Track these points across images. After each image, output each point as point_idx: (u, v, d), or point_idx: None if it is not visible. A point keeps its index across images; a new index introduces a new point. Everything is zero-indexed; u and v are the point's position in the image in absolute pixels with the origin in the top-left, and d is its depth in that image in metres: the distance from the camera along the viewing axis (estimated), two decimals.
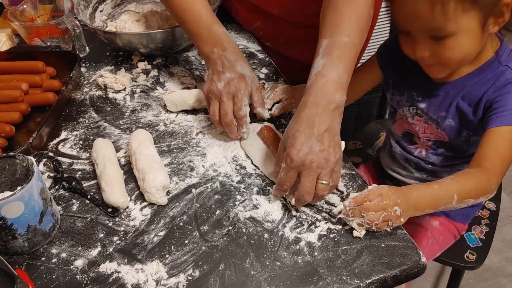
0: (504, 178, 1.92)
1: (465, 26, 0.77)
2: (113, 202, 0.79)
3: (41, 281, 0.70)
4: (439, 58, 0.82)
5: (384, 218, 0.71)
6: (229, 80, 0.88)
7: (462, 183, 0.79)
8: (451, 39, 0.79)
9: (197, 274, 0.70)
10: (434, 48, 0.81)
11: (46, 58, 1.07)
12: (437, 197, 0.76)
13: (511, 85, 0.82)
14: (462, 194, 0.77)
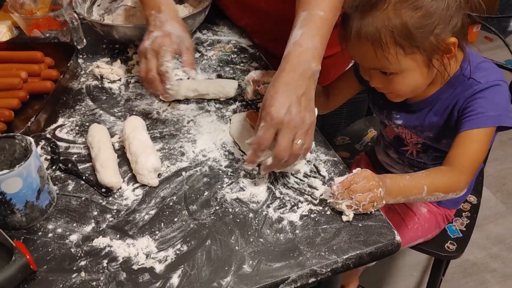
0: (488, 178, 1.98)
1: (408, 66, 0.84)
2: (107, 183, 0.83)
3: (37, 253, 0.74)
4: (391, 89, 0.90)
5: (370, 198, 0.75)
6: (155, 38, 0.91)
7: (432, 177, 0.84)
8: (398, 76, 0.86)
9: (185, 249, 0.74)
10: (385, 81, 0.89)
11: (45, 49, 1.11)
12: (408, 187, 0.81)
13: (478, 94, 0.88)
14: (432, 187, 0.82)
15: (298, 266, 0.71)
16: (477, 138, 0.87)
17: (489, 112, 0.86)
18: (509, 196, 2.01)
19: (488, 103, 0.87)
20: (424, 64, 0.85)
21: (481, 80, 0.88)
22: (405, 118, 1.00)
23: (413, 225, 1.13)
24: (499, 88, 0.88)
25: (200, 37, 1.24)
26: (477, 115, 0.86)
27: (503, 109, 0.87)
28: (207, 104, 1.03)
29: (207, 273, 0.70)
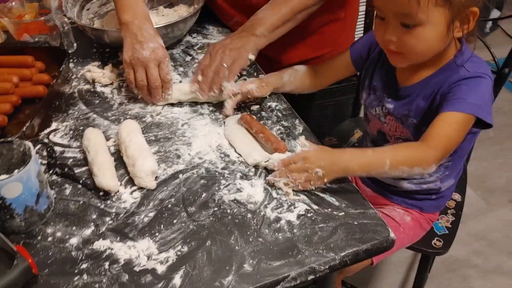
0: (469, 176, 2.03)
1: (433, 19, 0.83)
2: (105, 186, 0.83)
3: (38, 257, 0.74)
4: (403, 45, 0.88)
5: (306, 178, 0.81)
6: (154, 48, 1.00)
7: (396, 151, 0.87)
8: (419, 29, 0.85)
9: (186, 250, 0.75)
10: (402, 34, 0.87)
11: (35, 53, 1.11)
12: (370, 161, 0.83)
13: (463, 81, 0.89)
14: (395, 161, 0.83)
15: (297, 264, 0.73)
16: (453, 121, 0.87)
17: (470, 99, 0.87)
18: (489, 193, 2.07)
19: (470, 91, 0.88)
20: (446, 24, 0.84)
21: (469, 69, 0.90)
22: (395, 104, 1.01)
23: (399, 235, 1.14)
24: (484, 81, 0.89)
25: (190, 40, 1.26)
26: (457, 99, 0.87)
27: (483, 101, 0.88)
28: (200, 107, 1.04)
29: (209, 273, 0.72)
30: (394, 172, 0.84)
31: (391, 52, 0.92)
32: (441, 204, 1.17)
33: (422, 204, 1.13)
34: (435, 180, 1.06)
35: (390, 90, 1.01)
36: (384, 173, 0.84)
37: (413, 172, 0.85)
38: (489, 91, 0.90)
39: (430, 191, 1.09)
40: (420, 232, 1.17)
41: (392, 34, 0.88)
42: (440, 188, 1.08)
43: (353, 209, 0.81)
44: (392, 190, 1.12)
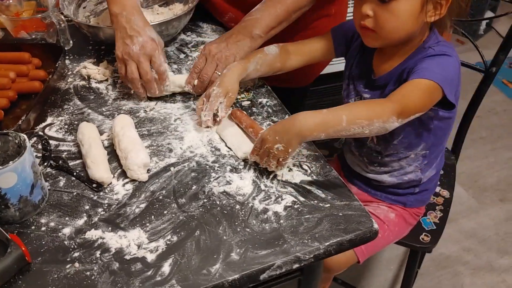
0: (461, 175, 2.04)
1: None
2: (98, 178, 0.86)
3: (31, 246, 0.76)
4: (377, 20, 0.90)
5: (274, 158, 0.85)
6: (143, 42, 1.01)
7: (353, 106, 0.88)
8: (394, 3, 0.87)
9: (175, 239, 0.77)
10: (378, 10, 0.89)
11: (32, 49, 1.13)
12: (325, 120, 0.83)
13: (428, 57, 0.91)
14: (352, 115, 0.82)
15: (283, 253, 0.75)
16: (416, 83, 0.87)
17: (433, 68, 0.88)
18: (480, 192, 2.10)
19: (434, 64, 0.89)
20: (420, 3, 0.87)
21: (435, 49, 0.92)
22: (372, 94, 1.03)
23: (383, 232, 1.16)
24: (449, 58, 0.91)
25: (184, 38, 1.28)
26: (421, 69, 0.89)
27: (448, 75, 0.89)
28: (193, 103, 1.07)
29: (197, 261, 0.74)
30: (353, 128, 0.82)
31: (365, 30, 0.93)
32: (425, 198, 1.18)
33: (406, 199, 1.15)
34: (414, 170, 1.08)
35: (367, 80, 1.04)
36: (343, 130, 0.82)
37: (373, 126, 0.83)
38: (454, 68, 0.92)
39: (411, 183, 1.11)
40: (405, 227, 1.20)
41: (368, 8, 0.90)
42: (421, 179, 1.10)
43: (339, 201, 0.84)
44: (375, 185, 1.15)
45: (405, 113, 0.85)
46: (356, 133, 0.83)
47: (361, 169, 1.16)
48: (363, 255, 1.16)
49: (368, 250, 1.16)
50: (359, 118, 0.82)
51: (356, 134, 0.84)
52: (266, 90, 1.11)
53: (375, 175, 1.12)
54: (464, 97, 1.46)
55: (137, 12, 1.04)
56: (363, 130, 0.83)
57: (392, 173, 1.09)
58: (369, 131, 0.83)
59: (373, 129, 0.83)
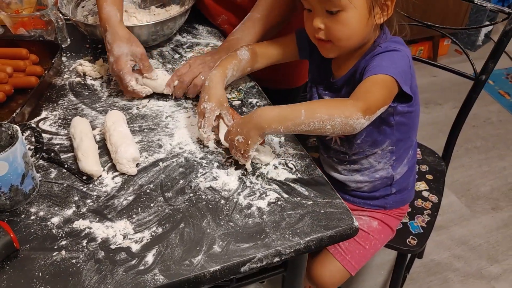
0: (454, 183, 2.05)
1: (355, 4, 0.88)
2: (88, 170, 0.88)
3: (20, 233, 0.79)
4: (330, 31, 0.92)
5: (237, 150, 0.89)
6: (112, 65, 1.06)
7: (312, 102, 0.90)
8: (343, 14, 0.89)
9: (160, 231, 0.80)
10: (328, 21, 0.91)
11: (30, 46, 1.16)
12: (283, 113, 0.84)
13: (376, 56, 0.93)
14: (310, 110, 0.83)
15: (264, 246, 0.77)
16: (373, 80, 0.88)
17: (385, 64, 0.89)
18: (473, 200, 2.11)
19: (385, 59, 0.91)
20: (368, 9, 0.89)
21: (382, 46, 0.94)
22: (331, 96, 1.05)
23: (370, 242, 1.18)
24: (397, 53, 0.92)
25: (180, 39, 1.31)
26: (373, 67, 0.90)
27: (399, 68, 0.90)
28: (184, 101, 1.09)
29: (180, 253, 0.76)
30: (312, 122, 0.82)
31: (320, 42, 0.95)
32: (405, 198, 1.19)
33: (384, 202, 1.16)
34: (384, 167, 1.08)
35: (326, 82, 1.06)
36: (303, 124, 0.82)
37: (335, 122, 0.82)
38: (403, 61, 0.92)
39: (384, 181, 1.11)
40: (389, 232, 1.21)
41: (319, 21, 0.92)
42: (393, 176, 1.10)
43: (321, 199, 0.86)
44: (353, 193, 1.16)
45: (370, 109, 0.85)
46: (317, 128, 0.83)
47: (334, 170, 1.16)
48: (354, 268, 1.17)
49: (358, 262, 1.18)
50: (318, 112, 0.82)
51: (318, 130, 0.83)
52: (256, 90, 1.14)
53: (347, 176, 1.12)
54: (455, 105, 1.49)
55: (110, 26, 1.07)
56: (324, 125, 0.82)
57: (363, 172, 1.10)
58: (331, 127, 0.82)
59: (336, 125, 0.82)
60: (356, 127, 0.84)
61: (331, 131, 0.83)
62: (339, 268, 1.17)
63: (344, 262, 1.16)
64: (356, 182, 1.13)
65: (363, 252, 1.18)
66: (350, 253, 1.17)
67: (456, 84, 2.53)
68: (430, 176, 1.47)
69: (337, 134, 0.88)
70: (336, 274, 1.18)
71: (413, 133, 1.09)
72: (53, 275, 0.72)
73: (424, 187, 1.43)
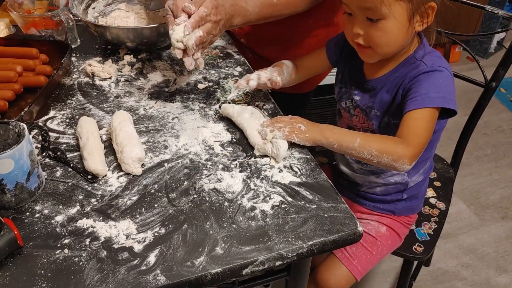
0: (463, 191, 2.04)
1: (395, 13, 0.89)
2: (93, 170, 0.89)
3: (24, 231, 0.79)
4: (369, 38, 0.93)
5: (290, 128, 0.94)
6: None
7: (369, 135, 0.94)
8: (383, 22, 0.90)
9: (163, 231, 0.80)
10: (368, 29, 0.92)
11: (40, 46, 1.17)
12: (343, 134, 0.93)
13: (421, 76, 0.94)
14: (365, 141, 0.90)
15: (267, 250, 0.77)
16: (420, 116, 0.91)
17: (431, 94, 0.91)
18: (482, 209, 2.09)
19: (430, 85, 0.92)
20: (407, 17, 0.90)
21: (427, 63, 0.95)
22: (362, 96, 1.06)
23: (377, 248, 1.18)
24: (442, 73, 0.93)
25: None
26: (420, 96, 0.92)
27: (446, 92, 0.92)
28: (191, 103, 1.10)
29: (182, 254, 0.76)
30: (363, 152, 0.90)
31: (360, 47, 0.97)
32: (414, 206, 1.19)
33: (394, 206, 1.16)
34: (401, 173, 1.08)
35: (358, 83, 1.07)
36: (354, 150, 0.91)
37: (382, 160, 0.89)
38: (449, 82, 0.94)
39: (398, 186, 1.12)
40: (397, 239, 1.20)
41: (359, 27, 0.94)
42: (408, 183, 1.10)
43: (325, 203, 0.85)
44: (363, 195, 1.16)
45: (417, 153, 0.91)
46: (364, 158, 0.91)
47: (349, 168, 1.17)
48: (360, 274, 1.17)
49: (364, 267, 1.17)
50: (371, 146, 0.89)
51: (364, 159, 0.92)
52: (263, 94, 1.13)
53: (362, 176, 1.12)
54: (465, 113, 1.48)
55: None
56: (372, 159, 0.90)
57: (379, 174, 1.10)
58: (377, 162, 0.90)
59: (381, 162, 0.90)
60: (399, 170, 0.92)
61: (376, 164, 0.91)
62: (346, 272, 1.16)
63: (351, 267, 1.16)
64: (369, 182, 1.13)
65: (370, 257, 1.17)
66: (357, 258, 1.16)
67: (467, 92, 2.50)
68: (438, 183, 1.46)
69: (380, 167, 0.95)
70: (342, 279, 1.17)
71: (435, 145, 1.10)
72: (55, 273, 0.73)
73: (431, 194, 1.42)
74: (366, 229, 1.17)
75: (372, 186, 1.14)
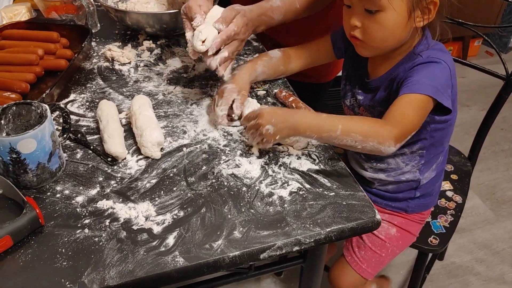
0: (479, 186, 2.02)
1: (395, 5, 0.86)
2: (113, 152, 0.89)
3: (45, 211, 0.80)
4: (366, 30, 0.91)
5: (259, 135, 0.87)
6: None
7: (351, 119, 0.88)
8: (381, 14, 0.87)
9: (182, 214, 0.80)
10: (365, 20, 0.90)
11: (61, 30, 1.19)
12: (321, 124, 0.85)
13: (417, 66, 0.91)
14: (347, 127, 0.84)
15: (284, 235, 0.77)
16: (409, 100, 0.87)
17: (424, 81, 0.88)
18: (498, 204, 2.07)
19: (424, 74, 0.89)
20: (407, 12, 0.87)
21: (423, 56, 0.92)
22: (364, 96, 1.04)
23: (387, 250, 1.17)
24: (438, 65, 0.90)
25: None
26: (411, 82, 0.88)
27: (439, 83, 0.88)
28: (209, 89, 1.10)
29: (201, 236, 0.76)
30: (346, 139, 0.85)
31: (355, 40, 0.94)
32: (428, 203, 1.17)
33: (407, 205, 1.14)
34: (412, 170, 1.06)
35: (361, 82, 1.05)
36: (336, 139, 0.85)
37: (367, 144, 0.85)
38: (444, 75, 0.91)
39: (410, 184, 1.10)
40: (410, 237, 1.19)
41: (356, 19, 0.91)
42: (420, 180, 1.08)
43: (344, 191, 0.85)
44: (375, 192, 1.14)
45: (403, 136, 0.87)
46: (348, 145, 0.86)
47: (359, 166, 1.15)
48: (370, 275, 1.17)
49: (374, 268, 1.17)
50: (354, 132, 0.84)
51: (348, 147, 0.86)
52: (282, 81, 1.13)
53: (373, 174, 1.11)
54: (483, 107, 1.46)
55: None
56: (356, 145, 0.85)
57: (389, 173, 1.08)
58: (361, 147, 0.85)
59: (366, 147, 0.85)
60: (384, 153, 0.87)
61: (360, 150, 0.86)
62: (356, 276, 1.17)
63: (360, 270, 1.16)
64: (380, 180, 1.12)
65: (379, 259, 1.17)
66: (366, 262, 1.16)
67: (485, 86, 2.48)
68: (455, 176, 1.45)
69: (364, 152, 0.88)
70: (353, 281, 1.18)
71: (446, 139, 1.07)
72: (75, 252, 0.74)
73: (448, 187, 1.41)
74: (375, 231, 1.15)
75: (383, 183, 1.13)
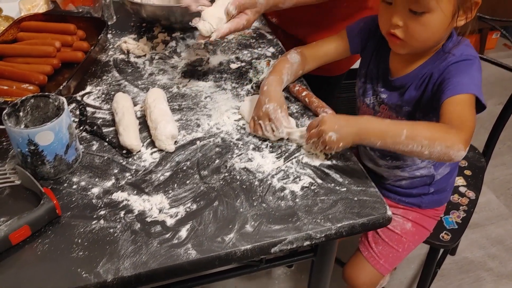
0: (494, 181, 1.99)
1: (442, 6, 0.85)
2: (128, 145, 0.91)
3: (62, 201, 0.82)
4: (408, 31, 0.89)
5: (322, 143, 0.86)
6: None
7: (415, 124, 0.84)
8: (427, 15, 0.86)
9: (195, 207, 0.82)
10: (409, 21, 0.88)
11: (78, 22, 1.20)
12: (386, 129, 0.82)
13: (451, 66, 0.90)
14: (412, 131, 0.81)
15: (295, 229, 0.78)
16: (461, 101, 0.85)
17: (466, 80, 0.87)
18: None
19: (462, 74, 0.88)
20: (452, 13, 0.86)
21: (456, 54, 0.91)
22: (389, 94, 1.02)
23: (403, 245, 1.17)
24: (472, 63, 0.90)
25: None
26: (454, 84, 0.87)
27: (478, 81, 0.88)
28: (223, 83, 1.11)
29: (213, 229, 0.78)
30: (411, 144, 0.80)
31: (393, 38, 0.92)
32: (442, 199, 1.17)
33: (420, 200, 1.14)
34: (427, 166, 1.06)
35: (384, 80, 1.03)
36: (401, 144, 0.81)
37: (435, 149, 0.80)
38: (479, 72, 0.90)
39: (424, 180, 1.10)
40: (424, 232, 1.19)
41: (399, 19, 0.89)
42: (434, 175, 1.08)
43: (355, 186, 0.86)
44: (388, 187, 1.14)
45: (469, 138, 0.82)
46: (414, 150, 0.81)
47: (373, 163, 1.15)
48: (387, 270, 1.17)
49: (391, 264, 1.17)
50: (420, 135, 0.80)
51: (414, 152, 0.82)
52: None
53: (387, 170, 1.11)
54: (500, 101, 1.44)
55: None
56: (422, 150, 0.80)
57: (404, 169, 1.08)
58: (429, 153, 0.81)
59: (434, 152, 0.80)
60: (455, 159, 0.81)
61: (427, 156, 0.81)
62: (373, 271, 1.17)
63: (378, 266, 1.16)
64: (395, 176, 1.12)
65: (396, 254, 1.17)
66: (383, 257, 1.16)
67: (502, 80, 2.44)
68: (469, 171, 1.44)
69: (432, 159, 0.85)
70: (369, 276, 1.18)
71: None
72: (91, 242, 0.75)
73: (461, 183, 1.40)
74: (390, 226, 1.16)
75: (397, 179, 1.12)
